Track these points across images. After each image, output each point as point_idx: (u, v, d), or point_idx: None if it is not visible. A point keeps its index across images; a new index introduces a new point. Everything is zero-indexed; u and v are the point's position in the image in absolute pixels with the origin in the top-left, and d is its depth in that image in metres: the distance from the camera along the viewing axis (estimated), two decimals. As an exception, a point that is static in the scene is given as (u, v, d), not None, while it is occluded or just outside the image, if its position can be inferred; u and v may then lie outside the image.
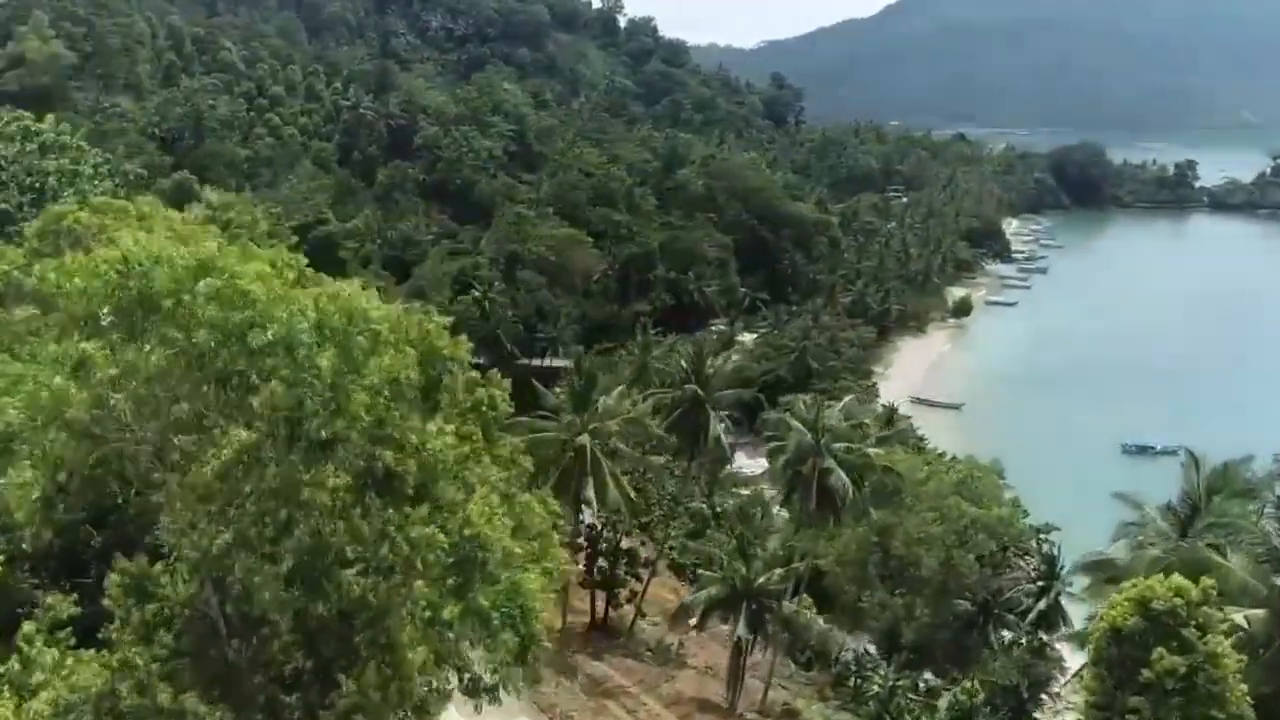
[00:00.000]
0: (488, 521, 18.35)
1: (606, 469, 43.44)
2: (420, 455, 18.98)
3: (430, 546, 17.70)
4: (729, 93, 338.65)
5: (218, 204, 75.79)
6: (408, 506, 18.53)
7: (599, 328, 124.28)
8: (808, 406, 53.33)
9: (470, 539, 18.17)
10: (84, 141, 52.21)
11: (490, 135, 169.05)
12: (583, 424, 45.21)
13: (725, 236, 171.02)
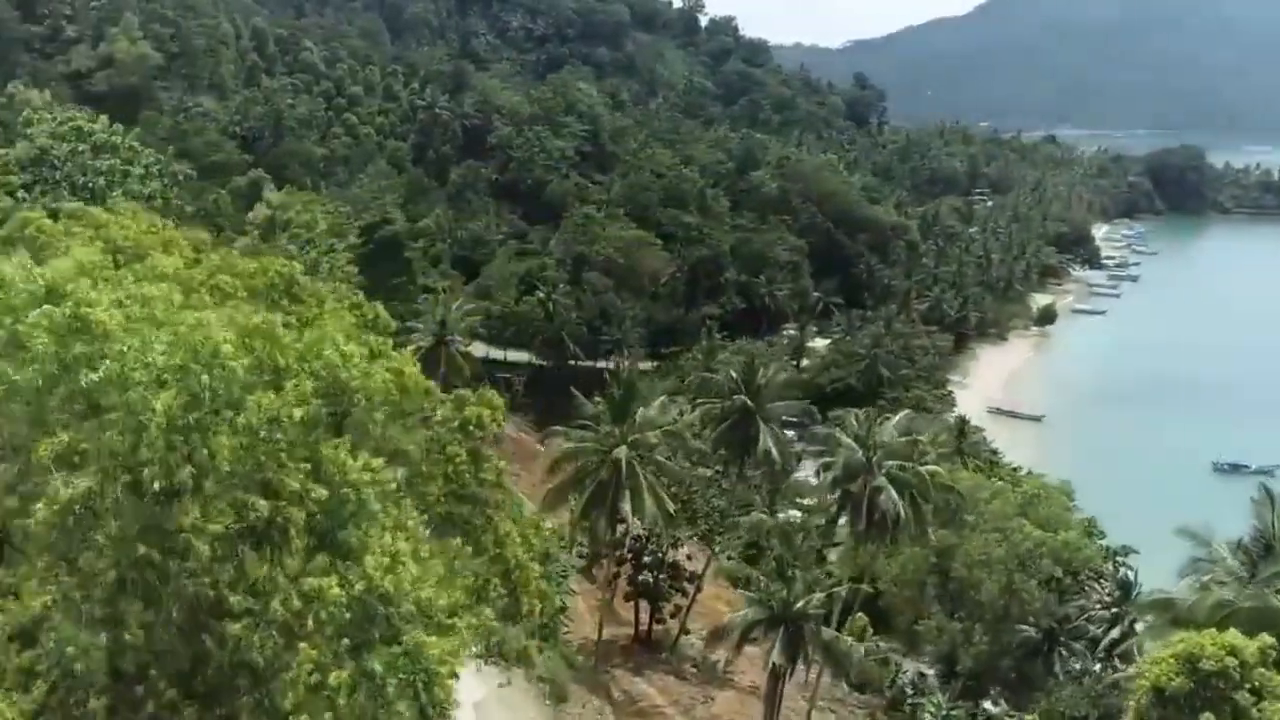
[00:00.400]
0: (387, 572, 16.29)
1: (644, 482, 41.69)
2: (308, 503, 16.91)
3: (325, 601, 15.93)
4: (810, 93, 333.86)
5: (278, 203, 76.30)
6: (317, 555, 16.65)
7: (665, 331, 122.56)
8: (860, 421, 50.79)
9: (371, 592, 16.15)
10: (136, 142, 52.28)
11: (563, 135, 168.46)
12: (621, 435, 43.52)
13: (799, 239, 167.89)
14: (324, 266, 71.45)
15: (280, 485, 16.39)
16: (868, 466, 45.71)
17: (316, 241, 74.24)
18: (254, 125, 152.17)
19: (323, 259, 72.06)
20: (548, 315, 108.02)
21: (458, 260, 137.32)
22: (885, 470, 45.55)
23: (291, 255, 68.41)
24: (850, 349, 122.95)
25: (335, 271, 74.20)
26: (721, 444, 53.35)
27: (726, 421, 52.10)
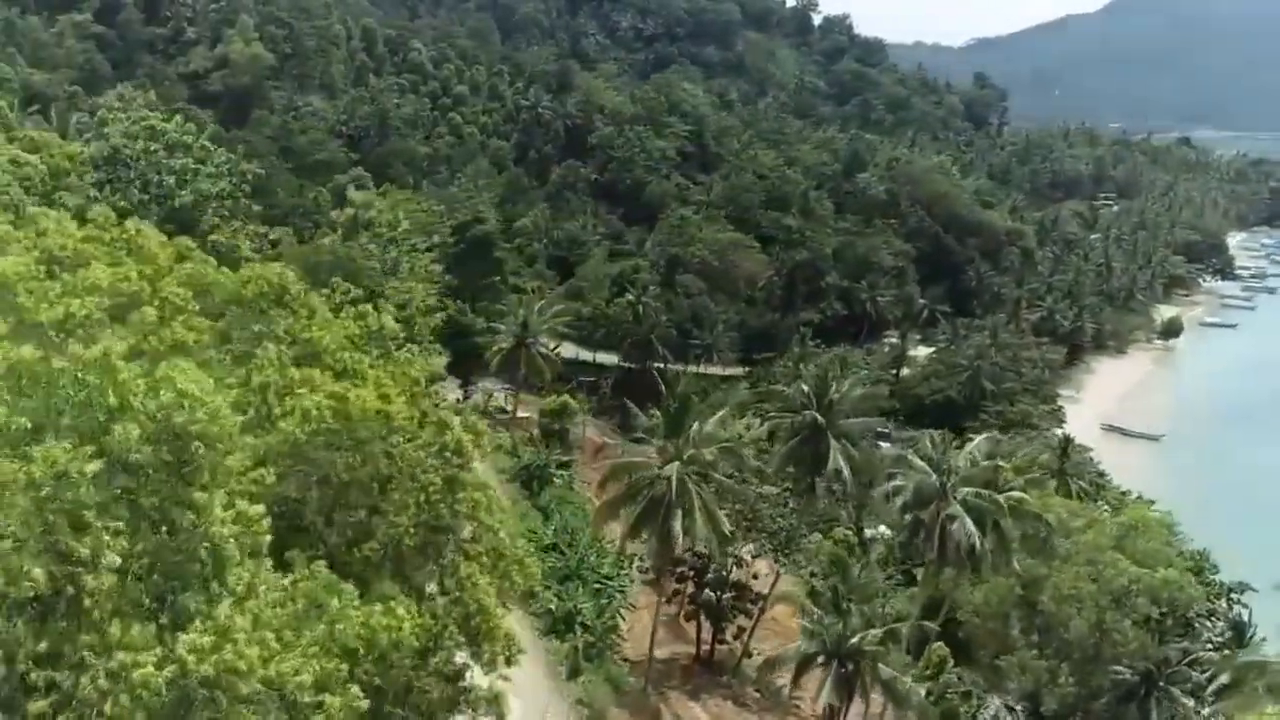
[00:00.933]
0: (210, 652, 13.92)
1: (696, 501, 39.44)
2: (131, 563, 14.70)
3: (131, 683, 13.78)
4: (926, 92, 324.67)
5: (361, 202, 76.60)
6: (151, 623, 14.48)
7: (758, 336, 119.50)
8: (935, 443, 47.38)
9: (186, 675, 13.84)
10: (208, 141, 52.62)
11: (665, 135, 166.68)
12: (674, 451, 41.35)
13: (905, 244, 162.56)
14: (404, 266, 71.16)
15: (71, 550, 14.38)
16: (941, 493, 42.46)
17: (398, 241, 74.29)
18: (360, 124, 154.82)
19: (403, 258, 71.86)
20: (636, 318, 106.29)
21: (553, 260, 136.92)
22: (960, 497, 42.21)
23: (371, 254, 68.43)
24: (952, 359, 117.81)
25: (416, 271, 73.87)
26: (790, 460, 50.59)
27: (796, 437, 49.33)
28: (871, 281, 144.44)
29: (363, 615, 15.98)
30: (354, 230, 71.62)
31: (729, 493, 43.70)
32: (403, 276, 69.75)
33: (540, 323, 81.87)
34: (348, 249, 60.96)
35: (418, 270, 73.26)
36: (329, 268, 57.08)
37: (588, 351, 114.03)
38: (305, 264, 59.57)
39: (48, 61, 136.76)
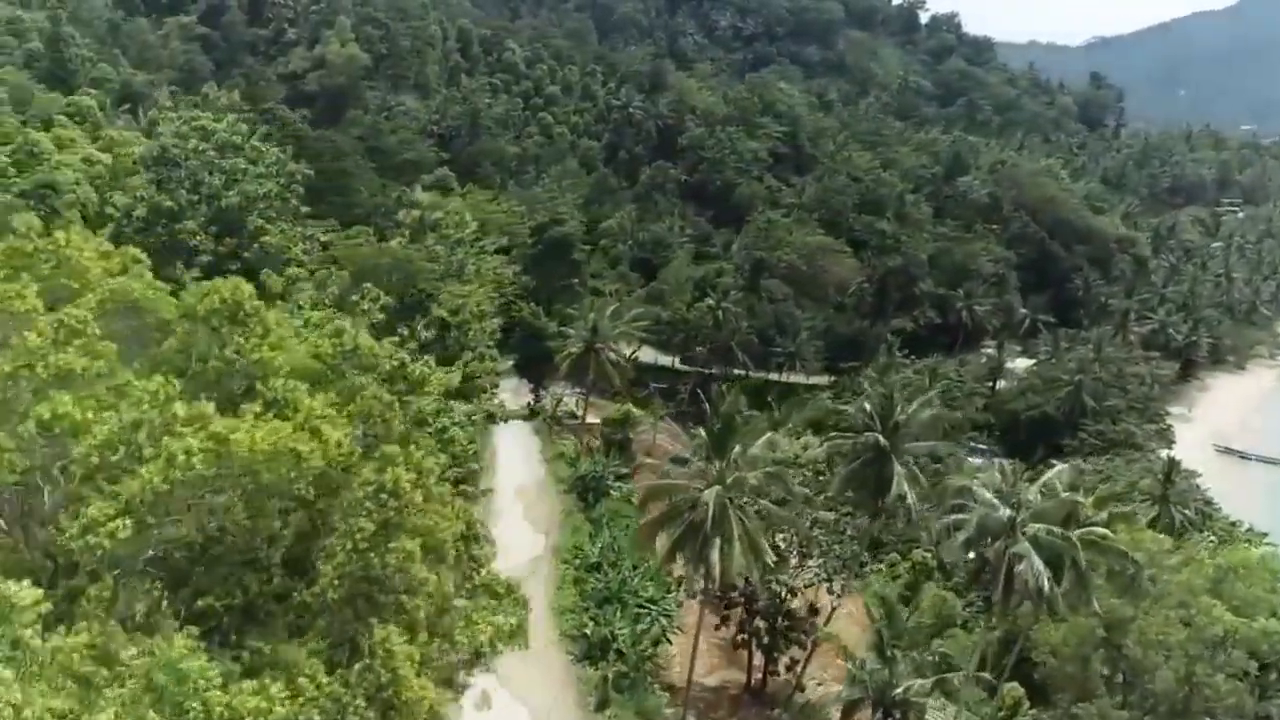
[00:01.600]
0: None
1: (735, 529, 36.67)
2: None
3: None
4: (1037, 93, 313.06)
5: (426, 204, 75.67)
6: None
7: (845, 344, 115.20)
8: (1005, 474, 43.55)
9: None
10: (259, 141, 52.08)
11: (757, 136, 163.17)
12: (715, 475, 38.61)
13: (1007, 251, 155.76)
14: (470, 268, 69.84)
15: None
16: (1008, 529, 38.75)
17: (465, 242, 73.13)
18: (452, 124, 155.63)
19: (469, 260, 70.52)
20: (716, 323, 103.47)
21: (637, 262, 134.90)
22: (1030, 534, 38.42)
23: (436, 256, 67.30)
24: (1051, 374, 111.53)
25: (483, 273, 72.51)
26: (851, 484, 47.27)
27: (858, 460, 46.03)
28: (969, 289, 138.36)
29: (225, 696, 13.85)
30: (421, 231, 70.81)
31: (777, 520, 40.72)
32: (468, 279, 68.51)
33: (612, 327, 79.75)
34: (407, 251, 60.00)
35: (484, 273, 72.01)
36: (386, 270, 56.06)
37: (666, 356, 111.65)
38: (363, 266, 58.75)
39: (152, 62, 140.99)
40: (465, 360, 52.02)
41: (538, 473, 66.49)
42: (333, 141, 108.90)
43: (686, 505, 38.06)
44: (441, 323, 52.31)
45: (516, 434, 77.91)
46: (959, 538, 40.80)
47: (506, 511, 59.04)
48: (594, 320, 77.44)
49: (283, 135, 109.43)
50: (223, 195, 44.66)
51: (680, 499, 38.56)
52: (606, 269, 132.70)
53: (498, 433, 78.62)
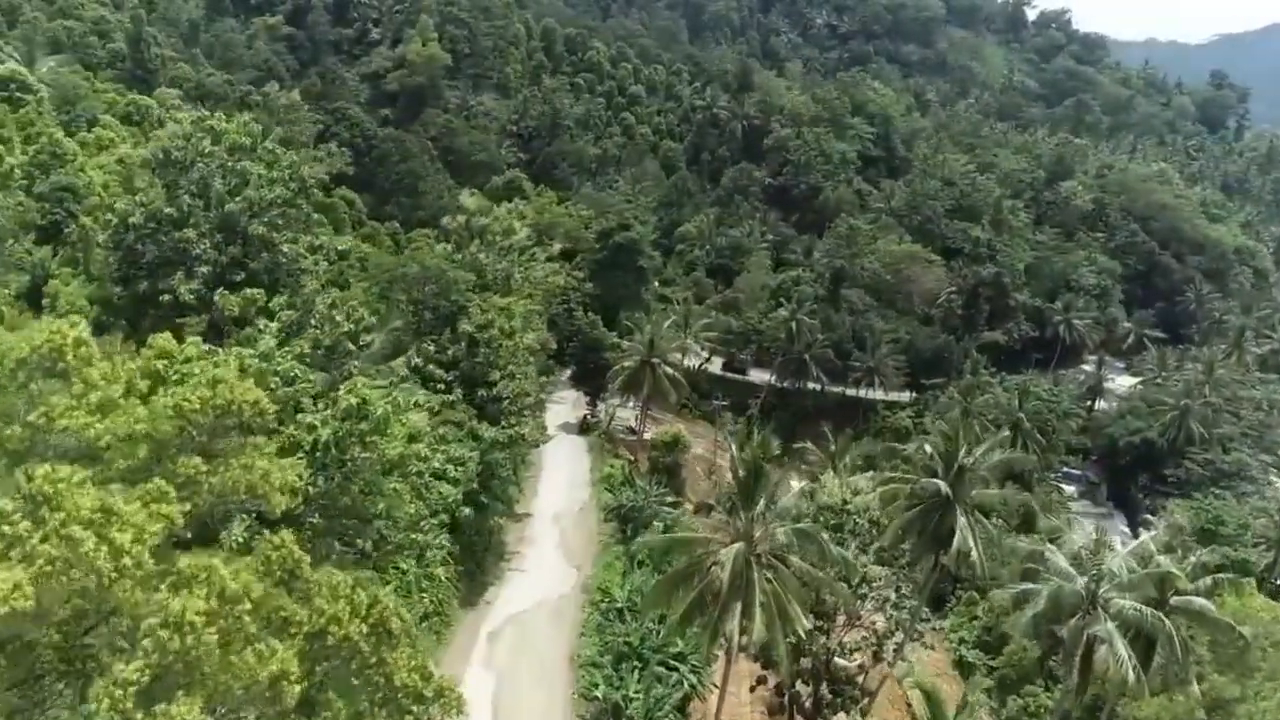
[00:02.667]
0: None
1: (758, 593, 31.66)
2: None
3: None
4: (1153, 93, 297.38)
5: (473, 209, 71.88)
6: None
7: (930, 359, 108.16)
8: (1092, 543, 37.40)
9: None
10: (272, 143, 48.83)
11: (847, 138, 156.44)
12: (739, 530, 33.62)
13: (1112, 261, 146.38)
14: (517, 277, 65.75)
15: None
16: (1087, 604, 32.89)
17: (514, 249, 69.04)
18: (531, 124, 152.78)
19: (516, 268, 66.40)
20: (790, 335, 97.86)
21: (715, 269, 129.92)
22: (1114, 611, 32.48)
23: (480, 265, 63.53)
24: (1155, 396, 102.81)
25: (533, 282, 68.36)
26: (908, 534, 41.71)
27: (917, 508, 40.45)
28: (1068, 302, 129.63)
29: None
30: (467, 238, 67.00)
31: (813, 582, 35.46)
32: (516, 288, 64.58)
33: (672, 340, 75.04)
34: (437, 260, 56.21)
35: (535, 281, 67.86)
36: (415, 281, 52.38)
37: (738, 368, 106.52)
38: (390, 277, 55.24)
39: (236, 62, 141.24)
40: (493, 379, 47.89)
41: (581, 495, 62.26)
42: (401, 142, 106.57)
43: (704, 564, 33.23)
44: (470, 339, 48.35)
45: (568, 450, 73.86)
46: (1027, 613, 35.02)
47: (541, 538, 54.93)
48: (651, 334, 72.71)
49: (351, 135, 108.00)
50: (226, 200, 41.41)
51: (698, 555, 33.76)
52: (681, 275, 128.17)
53: (547, 449, 74.63)
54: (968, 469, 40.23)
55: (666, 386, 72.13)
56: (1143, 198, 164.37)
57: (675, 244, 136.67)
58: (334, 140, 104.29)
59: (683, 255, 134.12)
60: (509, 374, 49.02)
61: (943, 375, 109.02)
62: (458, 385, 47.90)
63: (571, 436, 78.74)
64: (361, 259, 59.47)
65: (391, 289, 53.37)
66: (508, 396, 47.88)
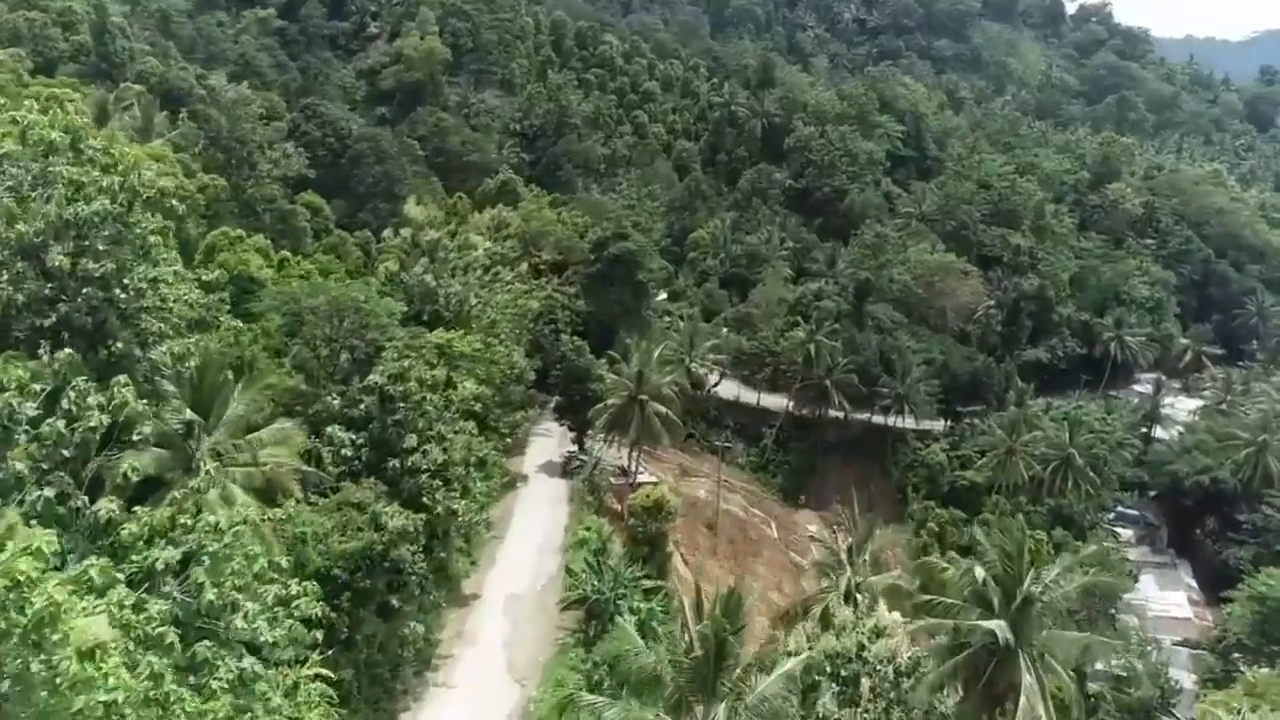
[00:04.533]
0: None
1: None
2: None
3: None
4: (1198, 89, 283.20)
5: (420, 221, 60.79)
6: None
7: (967, 383, 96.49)
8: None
9: None
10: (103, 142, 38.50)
11: (874, 137, 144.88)
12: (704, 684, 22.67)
13: (1165, 271, 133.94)
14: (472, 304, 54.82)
15: None
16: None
17: (473, 269, 57.80)
18: (536, 122, 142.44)
19: (473, 293, 55.14)
20: (808, 359, 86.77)
21: (730, 278, 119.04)
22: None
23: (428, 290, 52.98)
24: (1227, 429, 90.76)
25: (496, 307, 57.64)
26: (955, 679, 30.62)
27: (963, 654, 29.41)
28: (1119, 317, 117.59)
29: None
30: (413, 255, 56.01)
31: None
32: (474, 313, 53.93)
33: (664, 374, 64.25)
34: (352, 289, 45.65)
35: (498, 305, 56.72)
36: (325, 317, 41.84)
37: (751, 392, 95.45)
38: (296, 310, 44.69)
39: (219, 57, 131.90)
40: (407, 446, 36.83)
41: (549, 566, 51.55)
42: (376, 141, 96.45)
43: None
44: (381, 393, 37.78)
45: (546, 500, 63.27)
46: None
47: (485, 635, 43.69)
48: (639, 365, 61.87)
49: (323, 134, 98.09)
50: (17, 216, 30.93)
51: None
52: (693, 286, 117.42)
53: (521, 497, 64.21)
54: (1035, 598, 29.14)
55: (658, 428, 61.29)
56: (1196, 201, 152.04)
57: (687, 251, 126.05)
58: (302, 139, 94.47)
59: (695, 264, 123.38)
60: (432, 437, 38.34)
61: (981, 402, 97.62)
62: (367, 450, 37.46)
63: (553, 481, 68.16)
64: (268, 284, 48.70)
65: (300, 325, 42.93)
66: (428, 469, 37.34)
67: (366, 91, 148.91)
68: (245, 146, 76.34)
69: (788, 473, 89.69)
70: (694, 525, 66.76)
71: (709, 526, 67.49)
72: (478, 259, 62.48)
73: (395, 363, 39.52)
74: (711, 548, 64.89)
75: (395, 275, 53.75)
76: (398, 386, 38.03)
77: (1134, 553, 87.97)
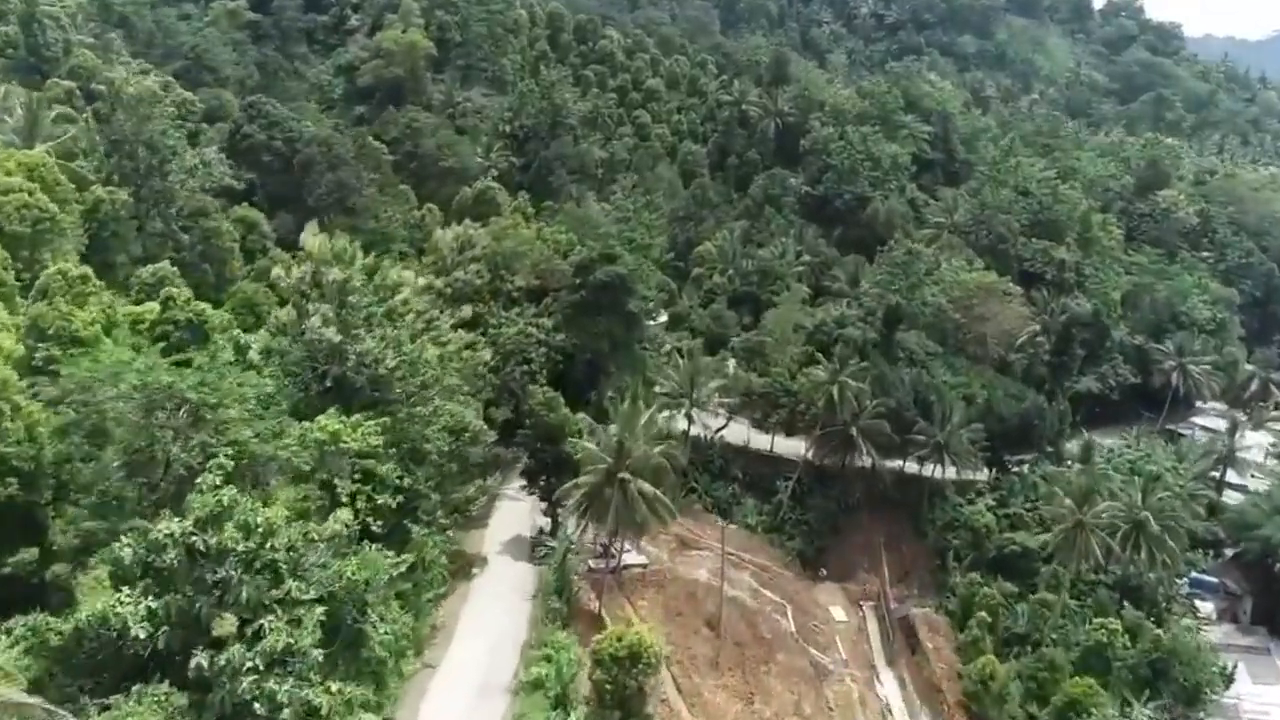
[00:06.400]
0: None
1: None
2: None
3: None
4: (1235, 88, 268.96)
5: (320, 255, 47.42)
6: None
7: (1016, 429, 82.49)
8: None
9: None
10: None
11: (899, 139, 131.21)
12: None
13: (1226, 288, 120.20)
14: (391, 368, 41.30)
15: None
16: None
17: (396, 318, 44.06)
18: (528, 123, 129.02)
19: (390, 355, 40.97)
20: (830, 403, 73.36)
21: (739, 297, 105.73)
22: None
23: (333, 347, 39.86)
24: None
25: (420, 367, 44.34)
26: None
27: None
28: (1181, 343, 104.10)
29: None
30: (310, 298, 42.72)
31: None
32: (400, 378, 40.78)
33: (656, 433, 51.10)
34: (213, 359, 33.00)
35: (434, 362, 42.99)
36: (125, 418, 28.40)
37: (762, 435, 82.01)
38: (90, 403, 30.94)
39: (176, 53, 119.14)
40: (222, 633, 23.37)
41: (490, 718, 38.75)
42: (329, 146, 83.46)
43: None
44: (187, 547, 24.81)
45: (503, 600, 50.35)
46: None
47: None
48: (620, 433, 48.67)
49: (268, 137, 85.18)
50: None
51: None
52: (698, 307, 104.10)
53: (474, 593, 51.35)
54: None
55: (643, 513, 48.12)
56: (1254, 209, 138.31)
57: (691, 267, 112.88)
58: (243, 143, 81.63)
59: (700, 281, 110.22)
60: (279, 603, 24.95)
61: (1031, 448, 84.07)
62: (166, 631, 24.41)
63: (518, 566, 55.22)
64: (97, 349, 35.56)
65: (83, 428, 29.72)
66: (255, 666, 24.30)
67: (344, 89, 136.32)
68: (157, 153, 63.54)
69: (805, 534, 76.25)
70: (692, 627, 53.54)
71: (710, 626, 54.26)
72: (408, 303, 48.87)
73: (211, 495, 26.45)
74: (713, 658, 51.68)
75: (288, 328, 40.95)
76: (211, 537, 25.07)
77: (1216, 632, 74.55)
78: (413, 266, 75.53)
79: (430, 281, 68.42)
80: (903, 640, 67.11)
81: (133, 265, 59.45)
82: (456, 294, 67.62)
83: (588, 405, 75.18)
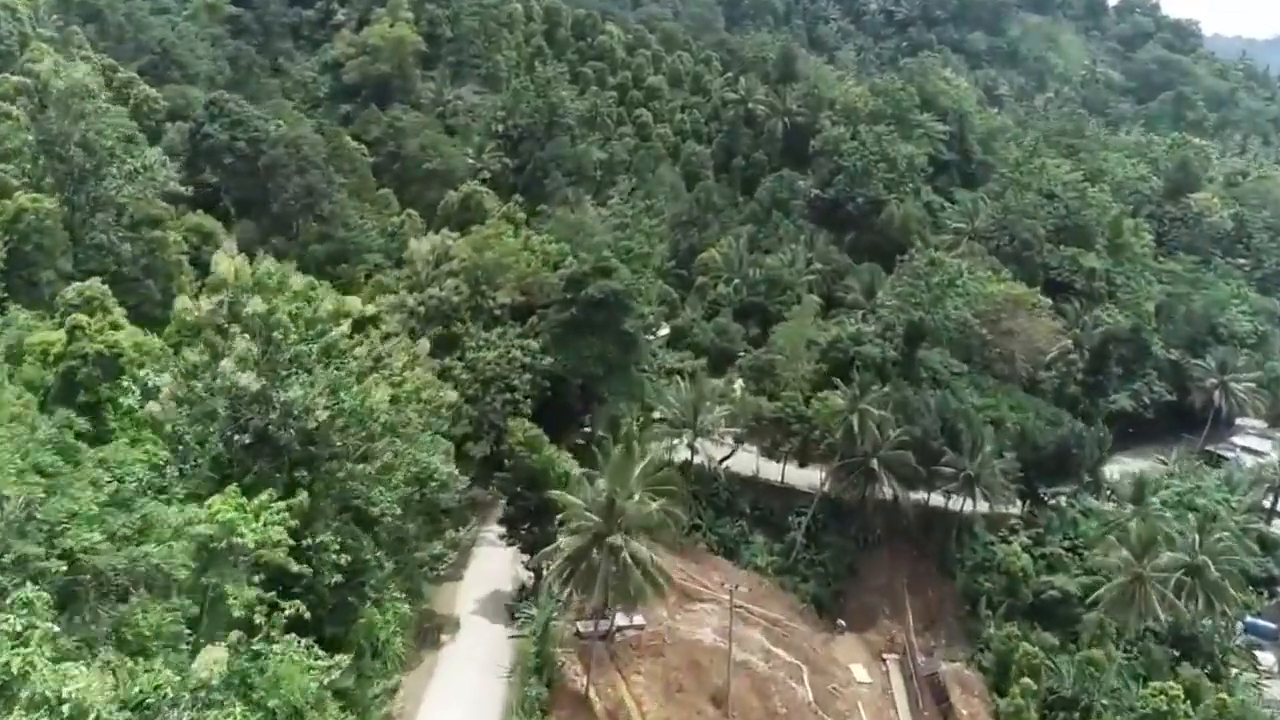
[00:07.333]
0: None
1: None
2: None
3: None
4: (1256, 86, 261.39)
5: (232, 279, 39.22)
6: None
7: (1052, 457, 74.97)
8: None
9: None
10: None
11: (914, 139, 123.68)
12: None
13: (1265, 297, 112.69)
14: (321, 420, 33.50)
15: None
16: None
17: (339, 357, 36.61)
18: (522, 122, 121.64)
19: (322, 405, 33.16)
20: (849, 434, 65.99)
21: (746, 309, 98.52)
22: None
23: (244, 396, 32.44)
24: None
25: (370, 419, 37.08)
26: None
27: None
28: (1224, 358, 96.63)
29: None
30: (225, 335, 35.36)
31: None
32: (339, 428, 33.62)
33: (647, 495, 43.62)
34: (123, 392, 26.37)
35: (371, 412, 35.73)
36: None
37: (773, 464, 74.66)
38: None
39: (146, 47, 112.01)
40: None
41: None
42: (297, 147, 76.20)
43: None
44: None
45: (474, 675, 43.16)
46: None
47: None
48: (609, 488, 41.33)
49: (231, 137, 77.93)
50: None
51: None
52: (701, 320, 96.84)
53: (441, 669, 44.13)
54: None
55: (637, 581, 40.78)
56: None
57: (695, 276, 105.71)
58: (203, 143, 74.43)
59: (704, 292, 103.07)
60: None
61: (1068, 478, 76.58)
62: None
63: (494, 630, 47.96)
64: None
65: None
66: None
67: (330, 87, 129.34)
68: (93, 155, 56.40)
69: (821, 577, 68.88)
70: (695, 706, 46.17)
71: (716, 703, 46.92)
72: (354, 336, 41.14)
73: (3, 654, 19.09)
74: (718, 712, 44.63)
75: (198, 371, 33.80)
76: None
77: (1278, 687, 67.24)
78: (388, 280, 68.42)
79: (403, 299, 61.29)
80: (932, 703, 59.68)
81: (63, 282, 52.33)
82: (430, 313, 60.38)
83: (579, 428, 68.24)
